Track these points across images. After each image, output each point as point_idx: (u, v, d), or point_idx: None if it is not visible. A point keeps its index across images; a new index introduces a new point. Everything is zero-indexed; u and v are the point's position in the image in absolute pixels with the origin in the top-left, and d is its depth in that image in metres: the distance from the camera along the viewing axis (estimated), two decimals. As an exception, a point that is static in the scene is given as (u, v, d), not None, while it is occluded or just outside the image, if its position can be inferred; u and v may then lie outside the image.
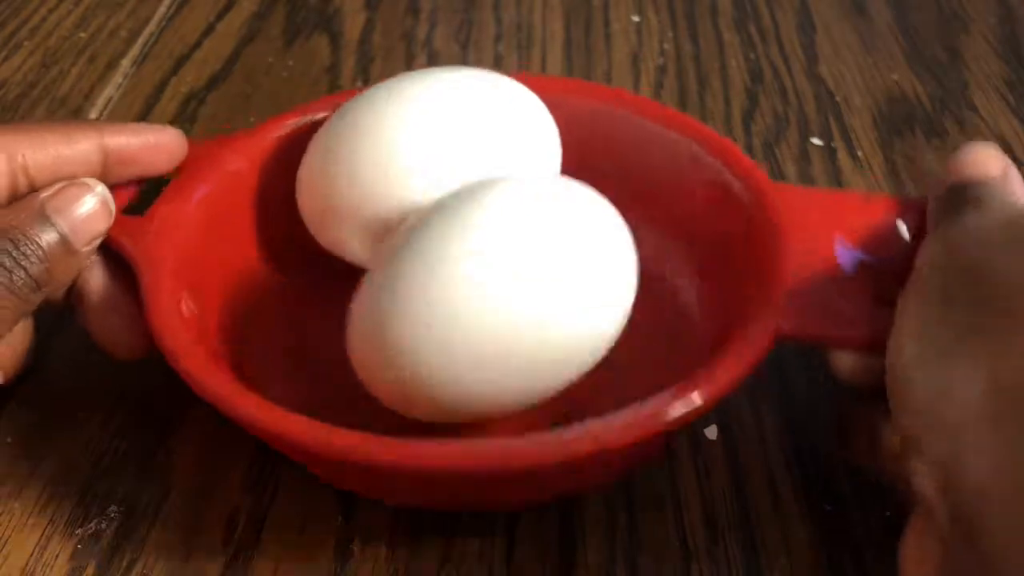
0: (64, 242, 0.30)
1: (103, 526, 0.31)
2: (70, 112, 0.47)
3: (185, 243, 0.33)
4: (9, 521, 0.31)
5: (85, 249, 0.31)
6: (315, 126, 0.36)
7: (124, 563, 0.30)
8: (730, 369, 0.28)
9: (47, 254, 0.30)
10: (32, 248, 0.29)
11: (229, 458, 0.33)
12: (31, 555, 0.30)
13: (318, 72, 0.51)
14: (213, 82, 0.50)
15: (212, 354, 0.30)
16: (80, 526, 0.31)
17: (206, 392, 0.28)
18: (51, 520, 0.31)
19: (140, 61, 0.51)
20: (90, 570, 0.30)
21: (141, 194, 0.34)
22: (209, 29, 0.54)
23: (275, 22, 0.55)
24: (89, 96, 0.48)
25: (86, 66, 0.50)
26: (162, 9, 0.55)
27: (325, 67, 0.51)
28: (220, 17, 0.55)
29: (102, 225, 0.31)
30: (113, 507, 0.32)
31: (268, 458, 0.33)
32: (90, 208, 0.31)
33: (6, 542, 0.30)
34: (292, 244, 0.36)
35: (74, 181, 0.31)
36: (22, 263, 0.29)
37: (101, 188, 0.31)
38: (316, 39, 0.54)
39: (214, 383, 0.28)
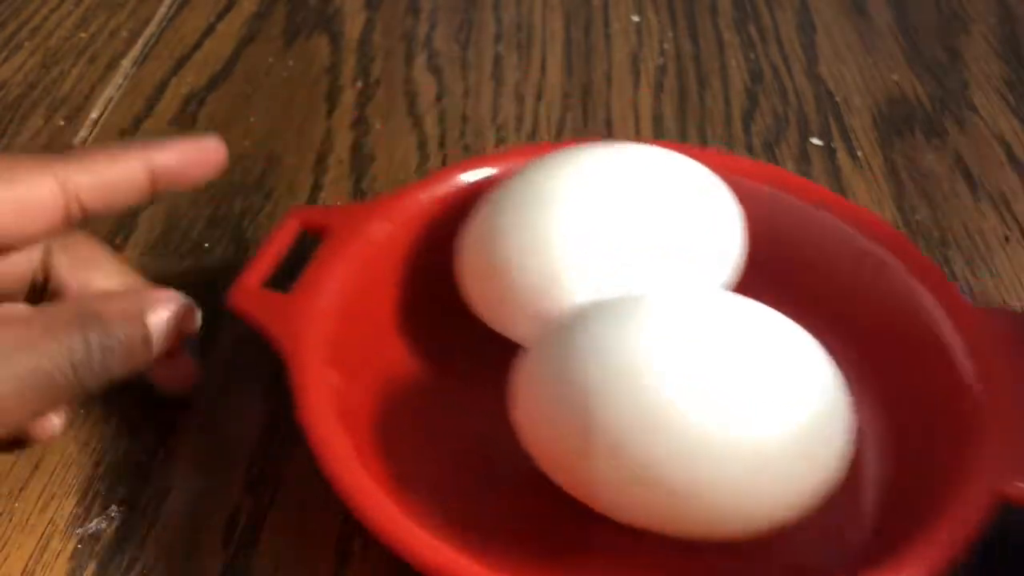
0: (148, 346, 0.30)
1: (103, 526, 0.31)
2: (72, 111, 0.47)
3: (331, 322, 0.31)
4: (9, 521, 0.31)
5: (158, 353, 0.31)
6: (463, 189, 0.35)
7: (124, 563, 0.30)
8: (946, 545, 0.25)
9: (133, 357, 0.30)
10: (123, 348, 0.29)
11: (229, 458, 0.33)
12: (31, 555, 0.30)
13: (318, 72, 0.51)
14: (213, 82, 0.50)
15: (364, 457, 0.29)
16: (80, 526, 0.31)
17: (362, 516, 0.27)
18: (51, 520, 0.31)
19: (140, 61, 0.51)
20: (90, 570, 0.30)
21: (282, 265, 0.33)
22: (209, 29, 0.54)
23: (275, 22, 0.55)
24: (89, 96, 0.48)
25: (87, 66, 0.50)
26: (162, 10, 0.55)
27: (325, 67, 0.52)
28: (220, 17, 0.55)
29: (180, 335, 0.31)
30: (113, 507, 0.32)
31: (268, 458, 0.33)
32: (182, 324, 0.31)
33: (6, 542, 0.30)
34: (438, 311, 0.34)
35: (174, 293, 0.31)
36: (108, 361, 0.29)
37: (194, 305, 0.32)
38: (316, 39, 0.54)
39: (377, 513, 0.27)
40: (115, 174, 0.31)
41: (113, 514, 0.31)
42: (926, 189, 0.45)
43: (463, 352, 0.34)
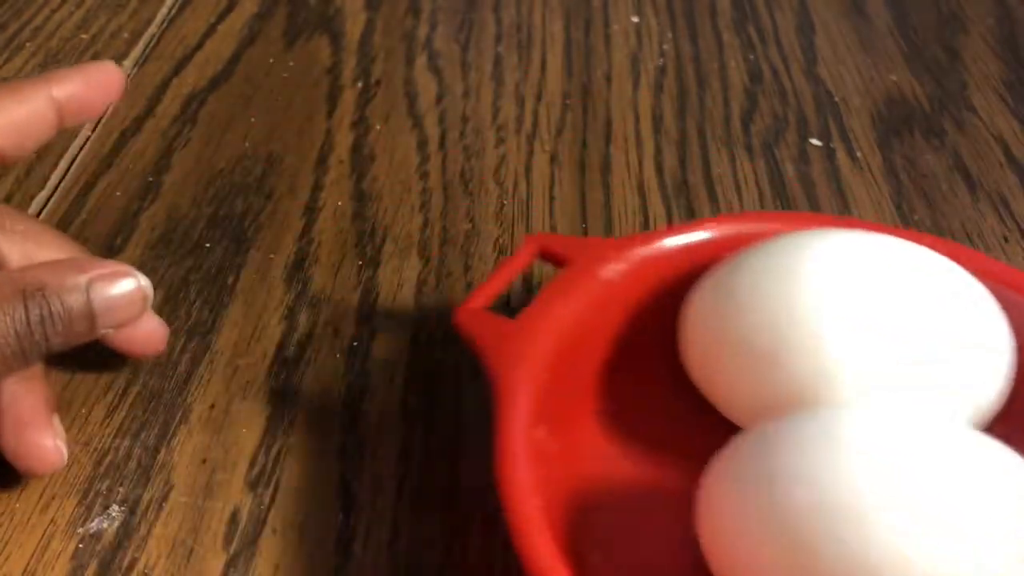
0: (91, 319, 0.29)
1: (104, 525, 0.31)
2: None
3: (546, 364, 0.30)
4: (10, 521, 0.31)
5: (103, 332, 0.30)
6: (707, 245, 0.34)
7: (125, 563, 0.30)
8: None
9: (72, 329, 0.29)
10: (62, 319, 0.28)
11: (230, 458, 0.33)
12: (32, 555, 0.30)
13: (319, 73, 0.51)
14: (214, 83, 0.50)
15: (551, 520, 0.26)
16: (81, 525, 0.31)
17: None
18: (52, 520, 0.31)
19: (142, 62, 0.51)
20: (91, 570, 0.30)
21: (515, 287, 0.32)
22: (210, 30, 0.54)
23: (276, 23, 0.55)
24: (90, 97, 0.49)
25: (87, 67, 0.51)
26: (163, 10, 0.55)
27: (326, 68, 0.52)
28: (221, 18, 0.55)
29: (132, 314, 0.30)
30: (114, 507, 0.32)
31: (269, 458, 0.33)
32: (130, 298, 0.30)
33: (7, 542, 0.31)
34: (653, 369, 0.33)
35: (124, 268, 0.30)
36: (47, 332, 0.28)
37: (145, 282, 0.30)
38: (317, 40, 0.54)
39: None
40: (22, 113, 0.31)
41: (114, 514, 0.31)
42: (925, 189, 0.45)
43: (673, 421, 0.33)
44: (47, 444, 0.31)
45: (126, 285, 0.30)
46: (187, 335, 0.37)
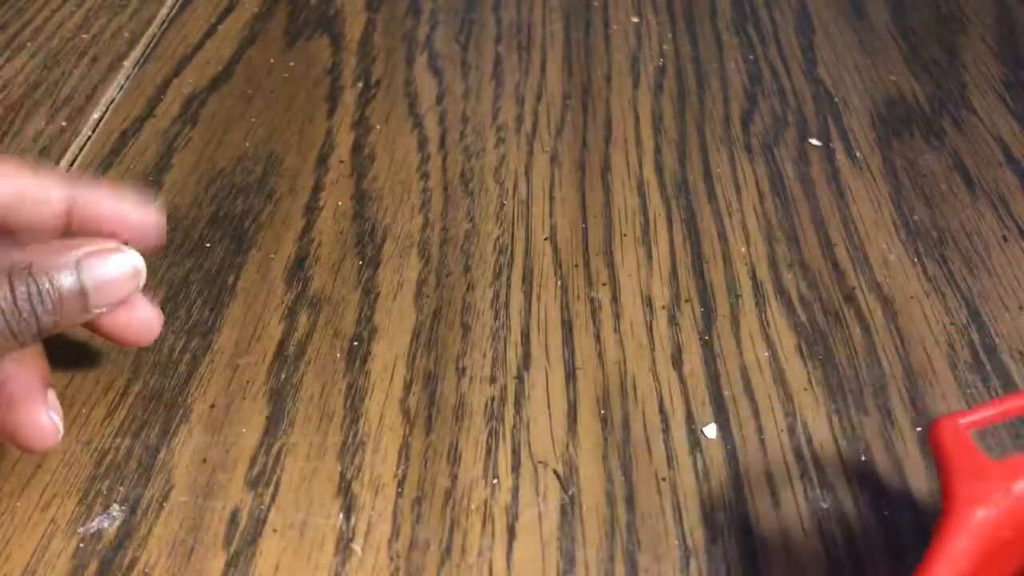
0: (83, 297, 0.29)
1: (105, 525, 0.31)
2: (74, 111, 0.48)
3: (1005, 517, 0.26)
4: (11, 520, 0.31)
5: (97, 311, 0.30)
6: None
7: (126, 562, 0.30)
8: None
9: (64, 308, 0.29)
10: (51, 297, 0.29)
11: (230, 458, 0.33)
12: (33, 554, 0.30)
13: (319, 73, 0.51)
14: (215, 83, 0.50)
15: None
16: (82, 525, 0.31)
17: None
18: (53, 519, 0.31)
19: (142, 63, 0.51)
20: (91, 569, 0.30)
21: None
22: (211, 30, 0.54)
23: (276, 23, 0.55)
24: (91, 97, 0.49)
25: (88, 67, 0.51)
26: (164, 10, 0.55)
27: (326, 68, 0.52)
28: (222, 18, 0.55)
29: (125, 292, 0.30)
30: (115, 506, 0.32)
31: (269, 458, 0.33)
32: (122, 275, 0.30)
33: (8, 541, 0.31)
34: None
35: (115, 244, 0.30)
36: (36, 309, 0.28)
37: (137, 258, 0.30)
38: (317, 40, 0.54)
39: None
40: (34, 186, 0.30)
41: (114, 513, 0.32)
42: (924, 189, 0.45)
43: None
44: (41, 420, 0.30)
45: (117, 261, 0.30)
46: (187, 335, 0.37)
